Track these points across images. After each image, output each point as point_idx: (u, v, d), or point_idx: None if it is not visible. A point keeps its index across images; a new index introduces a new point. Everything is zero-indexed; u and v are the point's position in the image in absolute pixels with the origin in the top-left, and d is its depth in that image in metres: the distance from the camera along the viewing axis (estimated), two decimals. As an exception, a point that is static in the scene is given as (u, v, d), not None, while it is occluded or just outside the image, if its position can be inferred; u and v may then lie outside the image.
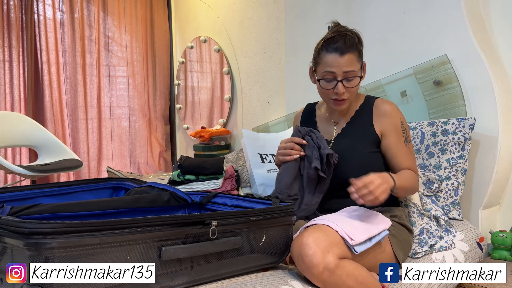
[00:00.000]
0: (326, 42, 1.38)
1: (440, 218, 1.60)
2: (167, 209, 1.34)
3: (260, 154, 2.31)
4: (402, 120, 1.45)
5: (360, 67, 1.40)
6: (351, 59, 1.36)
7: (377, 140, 1.45)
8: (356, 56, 1.38)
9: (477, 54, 1.83)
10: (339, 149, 1.44)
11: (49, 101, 3.72)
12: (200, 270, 1.03)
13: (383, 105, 1.46)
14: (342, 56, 1.34)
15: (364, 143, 1.44)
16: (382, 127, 1.44)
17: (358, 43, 1.39)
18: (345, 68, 1.35)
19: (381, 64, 2.23)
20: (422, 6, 2.04)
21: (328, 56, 1.36)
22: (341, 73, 1.36)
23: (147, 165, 4.27)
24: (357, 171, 1.39)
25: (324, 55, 1.38)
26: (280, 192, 1.38)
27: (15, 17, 3.55)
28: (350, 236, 1.17)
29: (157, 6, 4.27)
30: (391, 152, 1.43)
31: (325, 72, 1.38)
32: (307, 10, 2.64)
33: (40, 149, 3.23)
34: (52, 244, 0.80)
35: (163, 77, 4.35)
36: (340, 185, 1.44)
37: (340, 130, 1.50)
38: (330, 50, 1.36)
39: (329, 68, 1.37)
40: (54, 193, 1.37)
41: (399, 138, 1.42)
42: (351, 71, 1.36)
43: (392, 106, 1.46)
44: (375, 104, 1.48)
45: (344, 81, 1.37)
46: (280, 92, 3.08)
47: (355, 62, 1.37)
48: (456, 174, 1.76)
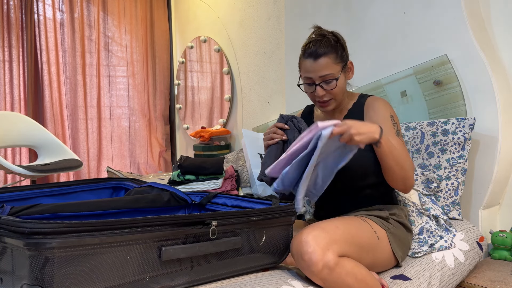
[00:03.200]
0: (304, 48, 1.44)
1: (440, 217, 1.60)
2: (167, 209, 1.34)
3: (260, 154, 2.31)
4: (392, 114, 1.45)
5: (340, 68, 1.41)
6: (325, 63, 1.38)
7: None
8: (333, 58, 1.39)
9: (477, 54, 1.83)
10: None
11: (49, 101, 3.72)
12: (200, 270, 1.03)
13: (373, 101, 1.48)
14: (316, 60, 1.38)
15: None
16: (371, 120, 1.44)
17: (336, 45, 1.41)
18: (320, 73, 1.39)
19: (381, 64, 2.23)
20: (422, 6, 2.04)
21: (305, 62, 1.42)
22: (317, 77, 1.39)
23: (147, 165, 4.28)
24: (354, 170, 1.39)
25: (303, 60, 1.43)
26: (264, 175, 1.39)
27: (15, 17, 3.55)
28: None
29: (157, 6, 4.27)
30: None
31: (304, 77, 1.43)
32: (307, 10, 2.64)
33: (40, 149, 3.24)
34: (52, 244, 0.80)
35: (163, 77, 4.35)
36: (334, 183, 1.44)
37: None
38: (306, 56, 1.41)
39: (307, 74, 1.42)
40: (54, 193, 1.37)
41: (389, 129, 1.41)
42: (327, 74, 1.39)
43: (382, 101, 1.48)
44: (366, 102, 1.50)
45: (323, 84, 1.40)
46: (280, 92, 3.08)
47: (331, 64, 1.39)
48: (456, 174, 1.76)
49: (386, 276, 1.33)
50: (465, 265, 1.52)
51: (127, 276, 0.91)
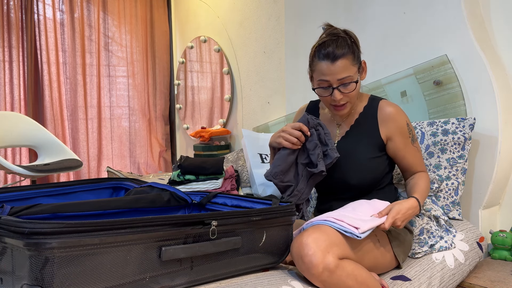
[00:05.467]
0: (317, 48, 1.35)
1: (440, 218, 1.60)
2: (167, 209, 1.34)
3: (260, 154, 2.31)
4: (407, 121, 1.44)
5: (357, 69, 1.36)
6: (344, 65, 1.31)
7: (381, 145, 1.44)
8: (350, 59, 1.33)
9: (477, 54, 1.83)
10: (342, 153, 1.42)
11: (49, 101, 3.72)
12: (200, 270, 1.03)
13: (387, 108, 1.43)
14: (334, 63, 1.30)
15: (368, 148, 1.43)
16: (388, 131, 1.42)
17: (352, 44, 1.34)
18: (339, 76, 1.32)
19: (381, 64, 2.23)
20: (422, 6, 2.04)
21: (321, 64, 1.33)
22: (335, 80, 1.32)
23: (147, 165, 4.28)
24: (359, 176, 1.39)
25: (317, 63, 1.34)
26: (274, 176, 1.36)
27: (15, 17, 3.55)
28: (355, 225, 1.17)
29: (157, 6, 4.27)
30: (400, 154, 1.44)
31: (320, 80, 1.35)
32: (307, 10, 2.64)
33: (40, 149, 3.24)
34: (52, 244, 0.80)
35: (163, 77, 4.35)
36: (340, 188, 1.44)
37: (344, 133, 1.48)
38: (322, 57, 1.32)
39: (323, 77, 1.33)
40: (54, 193, 1.37)
41: (405, 139, 1.42)
42: (346, 77, 1.32)
43: (397, 109, 1.44)
44: (379, 107, 1.44)
45: (341, 87, 1.34)
46: (280, 92, 3.08)
47: (349, 66, 1.32)
48: (456, 174, 1.76)
49: (386, 277, 1.33)
50: (465, 265, 1.52)
51: (127, 276, 0.91)
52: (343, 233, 1.16)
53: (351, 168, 1.41)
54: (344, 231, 1.16)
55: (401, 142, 1.42)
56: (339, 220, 1.19)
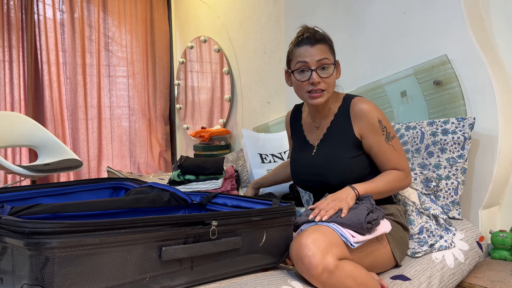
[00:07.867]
0: (295, 40, 1.41)
1: (439, 217, 1.60)
2: (167, 209, 1.34)
3: (260, 154, 2.31)
4: (380, 118, 1.40)
5: (333, 60, 1.40)
6: (322, 49, 1.37)
7: (358, 142, 1.42)
8: (328, 48, 1.39)
9: (477, 54, 1.83)
10: (322, 156, 1.43)
11: (49, 101, 3.72)
12: (200, 270, 1.03)
13: (358, 105, 1.42)
14: (313, 46, 1.36)
15: (346, 148, 1.42)
16: (360, 128, 1.41)
17: (329, 40, 1.41)
18: (317, 57, 1.36)
19: (381, 64, 2.23)
20: (422, 6, 2.04)
21: (300, 49, 1.38)
22: (314, 62, 1.36)
23: (147, 165, 4.28)
24: (340, 177, 1.39)
25: (297, 49, 1.39)
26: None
27: (15, 17, 3.55)
28: (352, 234, 1.18)
29: (157, 6, 4.27)
30: (373, 152, 1.42)
31: (298, 63, 1.38)
32: (307, 10, 2.64)
33: (40, 149, 3.24)
34: (53, 244, 0.81)
35: (163, 77, 4.35)
36: (323, 190, 1.45)
37: (322, 136, 1.48)
38: (301, 43, 1.38)
39: (302, 58, 1.37)
40: (54, 193, 1.37)
41: (378, 137, 1.39)
42: (324, 59, 1.36)
43: (369, 105, 1.41)
44: (351, 105, 1.43)
45: (319, 70, 1.36)
46: (280, 92, 3.08)
47: (327, 52, 1.38)
48: (456, 173, 1.76)
49: (386, 277, 1.33)
50: (465, 265, 1.53)
51: (128, 276, 0.91)
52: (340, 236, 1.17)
53: (330, 169, 1.40)
54: (341, 234, 1.17)
55: (373, 139, 1.40)
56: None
